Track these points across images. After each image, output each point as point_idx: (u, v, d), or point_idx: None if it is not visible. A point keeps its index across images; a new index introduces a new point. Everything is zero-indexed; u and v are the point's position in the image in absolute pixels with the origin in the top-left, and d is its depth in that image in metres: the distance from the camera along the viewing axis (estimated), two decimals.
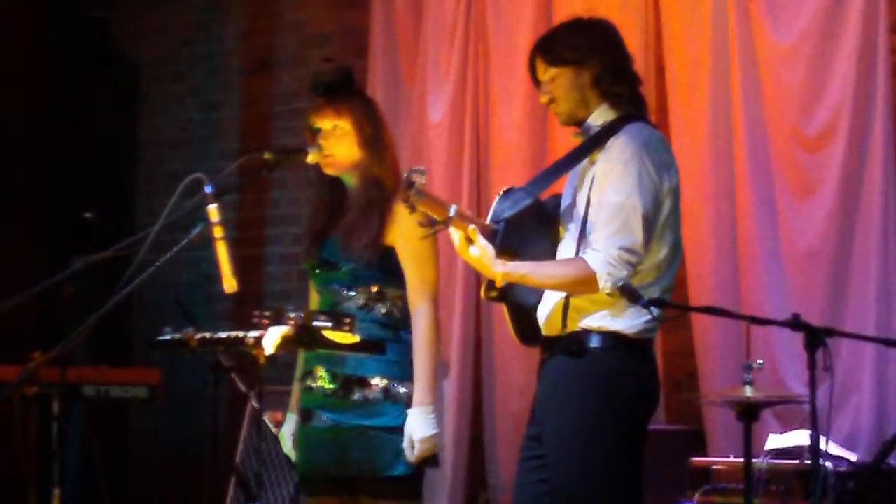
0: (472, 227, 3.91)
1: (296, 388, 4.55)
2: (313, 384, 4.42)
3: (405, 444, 4.28)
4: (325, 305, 4.45)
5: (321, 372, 4.40)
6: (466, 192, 6.58)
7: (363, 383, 4.34)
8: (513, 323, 4.18)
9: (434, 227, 3.97)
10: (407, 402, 4.33)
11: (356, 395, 4.34)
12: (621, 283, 3.81)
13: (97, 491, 6.28)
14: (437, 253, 4.43)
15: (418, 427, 4.28)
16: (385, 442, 4.30)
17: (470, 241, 3.91)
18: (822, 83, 5.76)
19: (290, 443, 4.54)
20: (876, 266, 5.60)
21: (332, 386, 4.38)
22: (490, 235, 3.97)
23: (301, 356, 4.54)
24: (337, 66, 4.64)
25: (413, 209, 3.91)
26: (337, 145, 4.41)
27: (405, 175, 3.89)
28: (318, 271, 4.49)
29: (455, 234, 3.92)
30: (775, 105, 5.84)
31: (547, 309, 4.09)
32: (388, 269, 4.39)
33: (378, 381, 4.34)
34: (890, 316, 5.57)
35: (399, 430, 4.31)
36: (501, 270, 3.92)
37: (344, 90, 4.47)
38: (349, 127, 4.41)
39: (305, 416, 4.45)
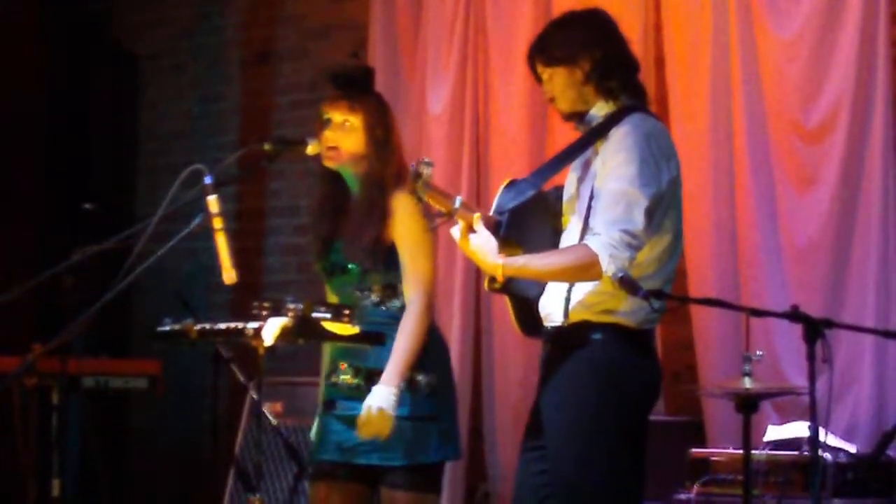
0: (476, 215, 3.93)
1: (322, 389, 4.57)
2: (337, 379, 4.45)
3: (361, 415, 4.28)
4: None
5: (344, 367, 4.42)
6: (466, 183, 6.58)
7: None
8: (515, 315, 4.18)
9: (439, 219, 3.98)
10: (427, 392, 4.35)
11: (374, 386, 4.35)
12: (620, 275, 3.81)
13: (97, 482, 6.29)
14: (436, 246, 4.43)
15: (379, 400, 4.27)
16: (404, 431, 4.31)
17: (472, 230, 3.92)
18: (821, 75, 5.75)
19: None
20: (875, 258, 5.60)
21: (355, 380, 4.40)
22: (493, 227, 3.97)
23: (327, 354, 4.55)
24: (360, 64, 4.64)
25: (420, 200, 3.92)
26: (343, 139, 4.43)
27: (412, 166, 3.90)
28: (330, 276, 4.51)
29: (456, 227, 3.93)
30: (775, 97, 5.84)
31: (549, 300, 4.09)
32: (394, 264, 4.40)
33: None
34: (889, 307, 5.58)
35: (418, 419, 4.33)
36: (501, 262, 3.92)
37: (362, 87, 4.49)
38: (359, 124, 4.43)
39: (328, 405, 4.47)
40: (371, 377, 4.37)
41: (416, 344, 4.33)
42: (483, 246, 3.92)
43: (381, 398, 4.26)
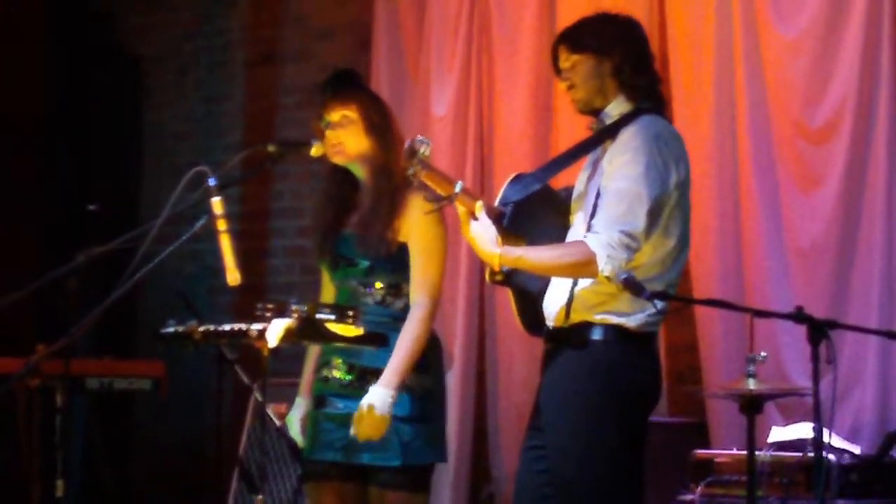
0: (478, 203, 3.92)
1: (306, 374, 4.57)
2: (329, 374, 4.44)
3: (356, 414, 4.27)
4: (343, 300, 4.45)
5: (338, 362, 4.42)
6: (470, 184, 6.56)
7: (379, 374, 4.35)
8: (518, 310, 4.18)
9: (439, 202, 3.98)
10: (420, 394, 4.35)
11: (372, 386, 4.35)
12: (624, 276, 3.81)
13: (101, 483, 6.30)
14: (446, 251, 4.42)
15: (375, 400, 4.25)
16: (399, 432, 4.31)
17: (474, 216, 3.91)
18: (826, 76, 5.75)
19: (297, 427, 4.54)
20: (880, 258, 5.60)
21: (348, 377, 4.40)
22: (497, 218, 3.97)
23: (316, 347, 4.55)
24: (342, 67, 4.68)
25: (416, 179, 3.91)
26: (345, 134, 4.44)
27: (408, 143, 3.89)
28: (335, 268, 4.49)
29: (459, 212, 3.93)
30: (779, 97, 5.83)
31: (551, 300, 4.09)
32: (403, 264, 4.40)
33: None
34: (893, 308, 5.57)
35: (413, 421, 4.32)
36: (499, 251, 3.92)
37: (349, 84, 4.50)
38: (356, 115, 4.44)
39: (319, 402, 4.46)
40: (364, 375, 4.37)
41: (419, 348, 4.33)
42: (483, 234, 3.92)
43: (378, 399, 4.25)
